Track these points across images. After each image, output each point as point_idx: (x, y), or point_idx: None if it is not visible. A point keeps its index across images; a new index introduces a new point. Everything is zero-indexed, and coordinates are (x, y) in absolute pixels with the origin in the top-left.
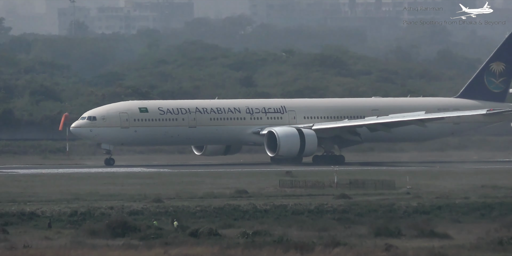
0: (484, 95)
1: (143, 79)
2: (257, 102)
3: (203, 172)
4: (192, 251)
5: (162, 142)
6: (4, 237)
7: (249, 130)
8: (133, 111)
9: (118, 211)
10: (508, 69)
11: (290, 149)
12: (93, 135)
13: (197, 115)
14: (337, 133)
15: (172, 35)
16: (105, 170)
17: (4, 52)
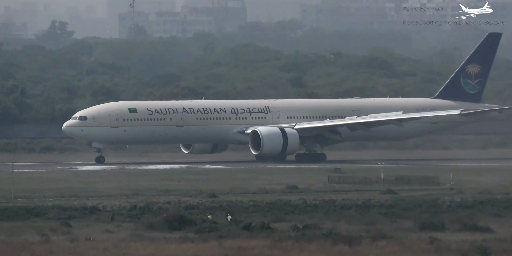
0: (461, 96)
1: (198, 80)
2: (242, 102)
3: (255, 169)
4: (246, 243)
5: (150, 141)
6: (67, 230)
7: (234, 129)
8: (123, 111)
9: (175, 206)
10: (483, 71)
11: (273, 148)
12: (84, 134)
13: (184, 115)
14: (318, 132)
15: (226, 38)
16: (163, 167)
17: (67, 55)
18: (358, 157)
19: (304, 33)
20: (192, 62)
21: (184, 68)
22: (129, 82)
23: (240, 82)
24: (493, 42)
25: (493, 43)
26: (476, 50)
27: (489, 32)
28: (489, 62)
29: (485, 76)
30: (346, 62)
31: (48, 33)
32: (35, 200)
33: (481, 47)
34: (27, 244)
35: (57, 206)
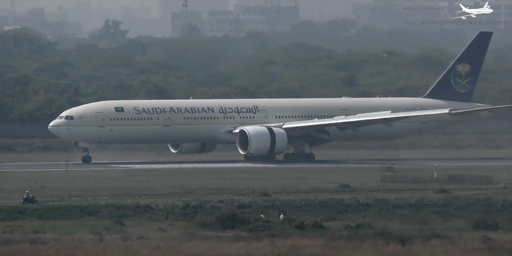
0: (451, 95)
1: (251, 79)
2: (230, 102)
3: (308, 168)
4: (298, 242)
5: (137, 141)
6: (120, 229)
7: (222, 129)
8: (109, 110)
9: (227, 205)
10: (473, 70)
11: (260, 147)
12: (70, 134)
13: (171, 114)
14: (307, 132)
15: (279, 37)
16: (215, 166)
17: (121, 54)
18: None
19: (356, 32)
20: (244, 61)
21: (236, 67)
22: (182, 81)
23: (292, 81)
24: (483, 41)
25: (484, 42)
26: (467, 49)
27: (479, 31)
28: (480, 61)
29: (476, 75)
30: (398, 60)
31: (101, 32)
32: (89, 199)
33: (472, 46)
34: (81, 242)
35: (110, 204)
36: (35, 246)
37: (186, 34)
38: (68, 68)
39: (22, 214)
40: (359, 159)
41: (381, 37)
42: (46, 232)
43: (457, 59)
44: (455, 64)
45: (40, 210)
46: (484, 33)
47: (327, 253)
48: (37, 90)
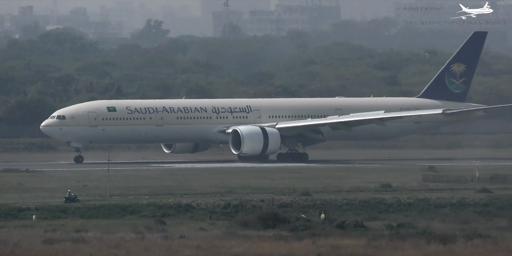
0: (445, 95)
1: (292, 78)
2: (223, 101)
3: (348, 167)
4: (339, 242)
5: (129, 140)
6: (161, 228)
7: (215, 129)
8: (101, 110)
9: (268, 204)
10: (468, 70)
11: (253, 147)
12: (62, 134)
13: (164, 114)
14: (300, 131)
15: (320, 36)
16: (256, 165)
17: (163, 54)
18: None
19: (398, 31)
20: (285, 61)
21: (277, 66)
22: (223, 81)
23: (334, 80)
24: (478, 41)
25: (479, 42)
26: (461, 49)
27: (474, 31)
28: (475, 61)
29: (470, 75)
30: (440, 60)
31: (143, 32)
32: (130, 198)
33: (467, 46)
34: (122, 241)
35: (152, 204)
36: (77, 245)
37: (227, 34)
38: (110, 67)
39: (64, 213)
40: (400, 158)
41: (423, 36)
42: (88, 231)
43: (451, 59)
44: (449, 64)
45: (82, 209)
46: (478, 33)
47: (368, 252)
48: (79, 89)
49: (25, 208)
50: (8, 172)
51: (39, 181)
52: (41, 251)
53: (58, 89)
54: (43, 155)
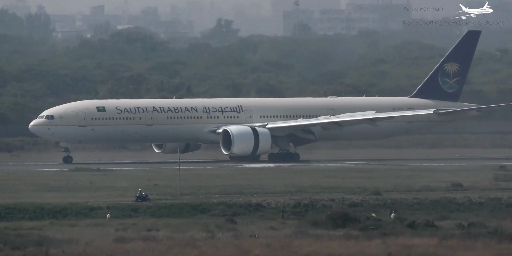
0: (438, 95)
1: (362, 77)
2: (214, 101)
3: (419, 166)
4: (410, 241)
5: (119, 140)
6: (232, 227)
7: (205, 128)
8: (91, 110)
9: (338, 203)
10: (462, 70)
11: (244, 147)
12: (51, 134)
13: (154, 114)
14: (291, 131)
15: (391, 35)
16: (326, 165)
17: (233, 53)
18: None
19: None
20: (356, 59)
21: (348, 65)
22: (293, 80)
23: (404, 79)
24: (472, 40)
25: (472, 41)
26: (455, 48)
27: (468, 30)
28: (468, 61)
29: (464, 75)
30: None
31: (213, 31)
32: (201, 197)
33: (460, 45)
34: (193, 240)
35: (222, 203)
36: (148, 244)
37: (298, 33)
38: (180, 67)
39: (135, 212)
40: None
41: (494, 35)
42: (159, 230)
43: (445, 58)
44: (443, 63)
45: (153, 208)
46: (472, 32)
47: (439, 252)
48: (150, 88)
49: (97, 207)
50: (79, 171)
51: (110, 180)
52: (112, 250)
53: (129, 88)
54: None
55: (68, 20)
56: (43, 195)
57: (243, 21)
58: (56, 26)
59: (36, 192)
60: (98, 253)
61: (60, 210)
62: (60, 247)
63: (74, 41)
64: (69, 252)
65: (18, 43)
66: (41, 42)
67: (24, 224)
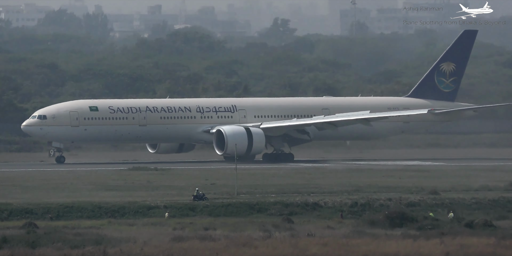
0: (435, 95)
1: (420, 76)
2: (208, 101)
3: (477, 166)
4: (468, 241)
5: (112, 140)
6: (289, 226)
7: (199, 128)
8: (83, 110)
9: (396, 203)
10: (458, 69)
11: (237, 148)
12: (43, 134)
13: (147, 114)
14: (285, 131)
15: (448, 34)
16: (380, 163)
17: (290, 52)
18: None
19: None
20: (413, 59)
21: (405, 64)
22: (350, 79)
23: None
24: (468, 40)
25: (469, 40)
26: (451, 47)
27: (464, 30)
28: (465, 60)
29: (460, 74)
30: None
31: (270, 31)
32: (258, 196)
33: (456, 44)
34: (250, 239)
35: (279, 202)
36: (205, 243)
37: (355, 32)
38: (237, 66)
39: (192, 211)
40: None
41: None
42: (216, 229)
43: (441, 58)
44: (439, 63)
45: (210, 207)
46: (469, 31)
47: (497, 252)
48: (207, 88)
49: (154, 206)
50: (137, 170)
51: (168, 179)
52: (170, 248)
53: (186, 88)
54: None
55: (125, 19)
56: (101, 194)
57: (299, 20)
58: (113, 26)
59: (95, 191)
60: (155, 252)
61: (118, 209)
62: (118, 246)
63: (132, 40)
64: (126, 251)
65: (76, 43)
66: (98, 42)
67: (82, 223)
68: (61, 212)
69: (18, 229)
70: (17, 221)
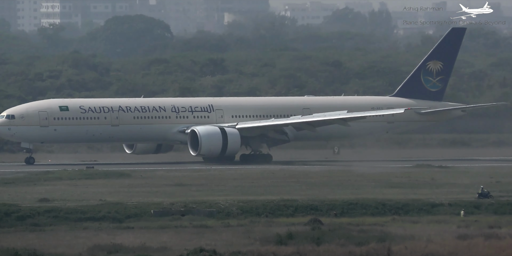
0: (421, 94)
1: None
2: (184, 100)
3: None
4: None
5: (83, 141)
6: None
7: (174, 129)
8: (53, 109)
9: None
10: (446, 68)
11: (211, 148)
12: (12, 134)
13: (120, 113)
14: (262, 132)
15: None
16: None
17: None
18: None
19: None
20: None
21: None
22: None
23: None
24: (456, 38)
25: (457, 38)
26: (438, 45)
27: (452, 27)
28: (452, 59)
29: (448, 73)
30: None
31: None
32: None
33: (444, 42)
34: None
35: None
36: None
37: None
38: None
39: (477, 209)
40: None
41: None
42: (501, 227)
43: (427, 56)
44: (425, 61)
45: (495, 205)
46: (456, 28)
47: None
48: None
49: (439, 203)
50: (420, 167)
51: (452, 176)
52: (454, 246)
53: (470, 85)
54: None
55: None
56: (384, 191)
57: None
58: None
59: (378, 188)
60: (440, 249)
61: (402, 206)
62: (402, 243)
63: (416, 37)
64: (411, 248)
65: (360, 40)
66: (382, 39)
67: (366, 220)
68: (345, 209)
69: (303, 226)
70: (302, 218)
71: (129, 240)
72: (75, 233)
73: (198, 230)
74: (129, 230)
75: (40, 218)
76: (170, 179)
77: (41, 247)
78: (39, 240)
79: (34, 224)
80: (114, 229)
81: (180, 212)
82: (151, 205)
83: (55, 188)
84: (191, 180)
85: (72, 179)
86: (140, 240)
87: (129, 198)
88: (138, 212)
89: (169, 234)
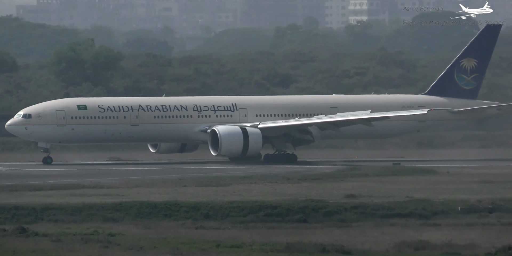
0: (454, 92)
1: None
2: (206, 99)
3: None
4: None
5: (101, 140)
6: None
7: (196, 128)
8: (71, 108)
9: None
10: (480, 66)
11: (232, 148)
12: (28, 133)
13: (140, 112)
14: (286, 131)
15: None
16: None
17: None
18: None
19: None
20: None
21: None
22: None
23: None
24: (492, 35)
25: (492, 35)
26: (472, 42)
27: (486, 24)
28: (487, 56)
29: (483, 71)
30: None
31: None
32: None
33: (478, 39)
34: None
35: None
36: None
37: None
38: None
39: None
40: None
41: None
42: None
43: (461, 54)
44: (459, 59)
45: None
46: (491, 25)
47: None
48: None
49: None
50: None
51: None
52: None
53: None
54: None
55: None
56: None
57: None
58: None
59: None
60: None
61: None
62: None
63: None
64: None
65: None
66: None
67: None
68: None
69: None
70: None
71: (436, 237)
72: (381, 229)
73: (506, 227)
74: (436, 227)
75: (347, 214)
76: (477, 176)
77: (348, 243)
78: (346, 236)
79: (341, 220)
80: (420, 225)
81: (488, 209)
82: (458, 202)
83: (361, 185)
84: (498, 177)
85: (378, 176)
86: (447, 237)
87: (435, 195)
88: (445, 209)
89: (477, 231)
